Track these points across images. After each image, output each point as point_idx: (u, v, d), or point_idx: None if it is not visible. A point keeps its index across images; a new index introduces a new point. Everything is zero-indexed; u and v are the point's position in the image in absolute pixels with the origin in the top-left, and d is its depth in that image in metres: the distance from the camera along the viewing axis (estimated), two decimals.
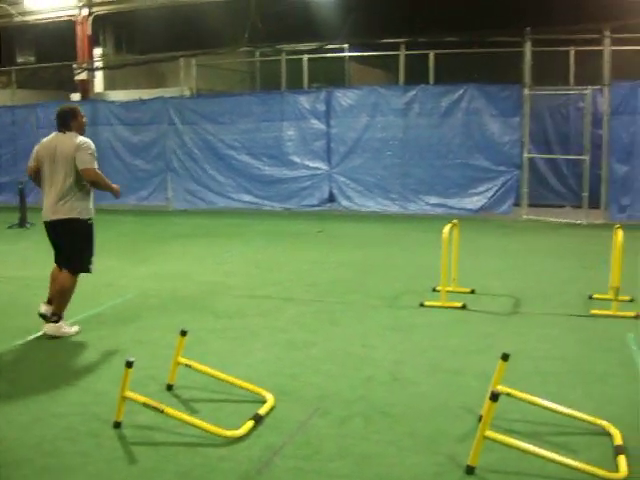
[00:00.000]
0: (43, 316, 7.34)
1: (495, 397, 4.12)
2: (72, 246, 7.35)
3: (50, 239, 7.48)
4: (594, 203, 14.92)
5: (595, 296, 8.50)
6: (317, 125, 17.01)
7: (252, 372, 6.00)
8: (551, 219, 14.75)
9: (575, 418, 4.96)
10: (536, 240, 12.85)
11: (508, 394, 4.96)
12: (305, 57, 18.24)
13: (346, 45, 18.55)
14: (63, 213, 7.22)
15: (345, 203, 16.78)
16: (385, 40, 17.47)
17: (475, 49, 17.26)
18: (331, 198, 17.02)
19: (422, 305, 8.20)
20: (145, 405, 4.93)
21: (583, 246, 12.16)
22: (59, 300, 7.29)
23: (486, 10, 20.17)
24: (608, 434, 4.79)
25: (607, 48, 14.87)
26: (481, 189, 15.54)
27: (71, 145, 7.15)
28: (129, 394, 4.94)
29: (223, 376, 5.63)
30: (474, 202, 15.55)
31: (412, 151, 16.08)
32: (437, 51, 16.67)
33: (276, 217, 16.48)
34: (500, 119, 15.49)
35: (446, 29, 18.08)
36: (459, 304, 8.11)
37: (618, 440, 4.67)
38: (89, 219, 7.37)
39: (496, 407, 4.24)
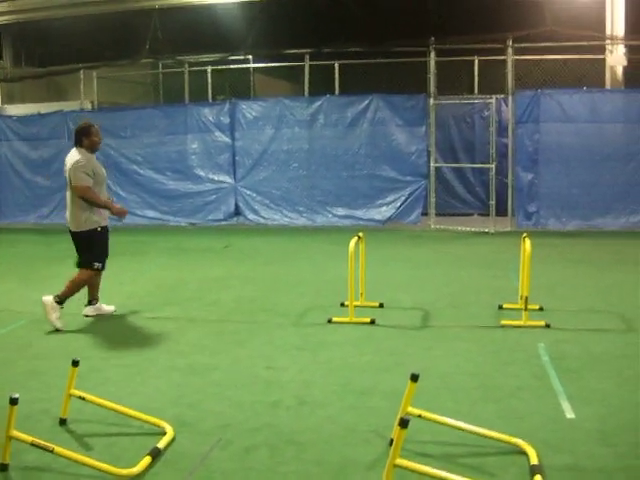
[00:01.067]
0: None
1: (405, 423, 3.88)
2: (77, 248, 8.40)
3: None
4: (501, 211, 15.01)
5: (505, 306, 8.43)
6: (222, 138, 16.70)
7: (150, 401, 5.64)
8: (459, 228, 14.75)
9: (489, 437, 4.78)
10: (445, 250, 12.79)
11: (419, 416, 4.74)
12: (209, 68, 17.90)
13: (250, 56, 18.26)
14: (73, 226, 8.23)
15: (252, 217, 16.50)
16: (289, 51, 17.30)
17: (380, 59, 17.19)
18: (237, 212, 16.73)
19: (330, 322, 7.96)
20: (33, 444, 4.53)
21: (492, 255, 12.15)
22: (67, 287, 8.19)
23: (391, 20, 20.14)
24: (524, 453, 4.62)
25: (510, 57, 15.01)
26: (389, 199, 15.46)
27: (71, 161, 8.01)
28: (15, 433, 4.52)
29: (118, 408, 5.25)
30: (382, 213, 15.47)
31: (318, 162, 15.90)
32: (342, 61, 16.56)
33: (181, 233, 16.08)
34: (406, 129, 15.46)
35: (351, 39, 17.97)
36: (367, 319, 7.90)
37: (534, 459, 4.51)
38: (90, 229, 8.18)
39: (408, 428, 4.00)
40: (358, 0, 19.02)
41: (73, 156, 8.06)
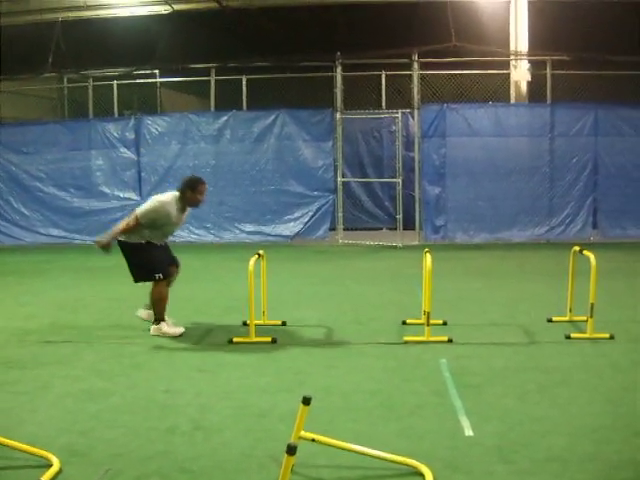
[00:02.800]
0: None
1: (292, 450, 3.75)
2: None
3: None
4: (410, 225, 15.09)
5: (409, 321, 8.42)
6: (127, 154, 16.42)
7: (40, 431, 5.38)
8: (367, 242, 14.76)
9: (385, 460, 4.70)
10: (352, 265, 12.75)
11: (313, 440, 4.62)
12: (114, 83, 17.58)
13: (157, 70, 17.98)
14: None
15: None
16: (195, 65, 17.10)
17: (288, 74, 17.13)
18: None
19: (231, 342, 7.79)
20: None
21: (399, 269, 12.16)
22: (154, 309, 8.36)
23: (298, 35, 20.15)
24: (420, 474, 4.55)
25: (416, 72, 15.13)
26: (296, 215, 15.40)
27: (160, 197, 8.26)
28: None
29: (2, 439, 4.99)
30: (290, 228, 15.39)
31: (225, 178, 15.73)
32: (249, 76, 16.45)
33: (87, 252, 15.65)
34: (313, 144, 15.44)
35: (258, 54, 17.90)
36: (269, 339, 7.76)
37: None
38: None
39: (303, 452, 3.89)
40: (266, 14, 18.96)
41: (166, 196, 8.23)
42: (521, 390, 6.27)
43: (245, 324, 8.29)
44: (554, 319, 8.62)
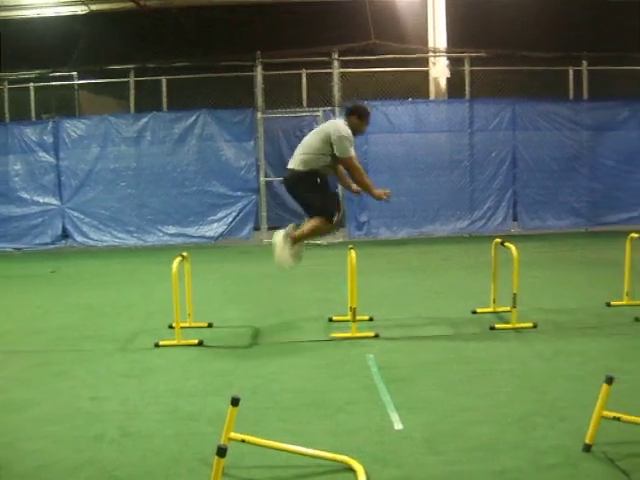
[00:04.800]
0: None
1: (222, 452, 3.73)
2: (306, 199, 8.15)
3: None
4: None
5: (335, 318, 8.44)
6: (46, 158, 16.09)
7: None
8: None
9: (315, 457, 4.69)
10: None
11: (243, 441, 4.59)
12: (31, 85, 17.21)
13: (75, 73, 17.65)
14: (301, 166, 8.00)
15: (80, 239, 15.94)
16: (114, 66, 16.85)
17: (208, 74, 16.99)
18: (65, 235, 16.12)
19: (157, 345, 7.69)
20: None
21: (324, 267, 12.19)
22: (303, 230, 7.94)
23: (218, 34, 20.02)
24: (352, 470, 4.56)
25: (336, 70, 15.16)
26: (220, 215, 15.30)
27: (337, 127, 7.85)
28: None
29: None
30: (214, 229, 15.29)
31: (147, 180, 15.54)
32: (169, 77, 16.28)
33: (6, 259, 15.33)
34: (234, 144, 15.36)
35: (177, 54, 17.71)
36: (195, 341, 7.68)
37: (361, 476, 4.44)
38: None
39: (233, 453, 3.85)
40: (186, 14, 18.80)
41: (340, 124, 7.86)
42: (448, 382, 6.34)
43: (171, 327, 8.19)
44: (478, 311, 8.75)
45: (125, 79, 16.53)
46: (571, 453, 4.87)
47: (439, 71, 16.45)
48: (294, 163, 8.00)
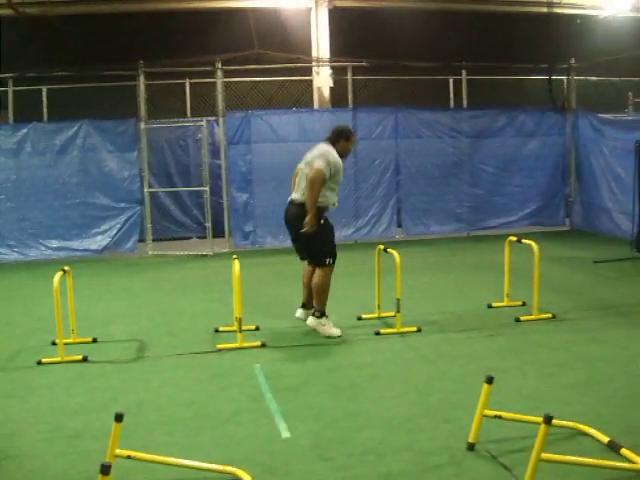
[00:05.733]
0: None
1: (106, 470, 3.66)
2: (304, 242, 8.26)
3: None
4: (220, 232, 15.06)
5: (222, 329, 8.41)
6: None
7: None
8: (178, 252, 14.61)
9: (202, 470, 4.67)
10: (163, 276, 12.55)
11: (129, 457, 4.53)
12: None
13: None
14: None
15: None
16: None
17: (90, 83, 16.63)
18: None
19: (40, 363, 7.45)
20: None
21: (210, 277, 12.11)
22: (317, 300, 8.21)
23: (101, 43, 19.65)
24: None
25: (220, 80, 15.10)
26: (104, 228, 14.96)
27: (322, 150, 8.14)
28: None
29: None
30: (98, 242, 14.93)
31: (28, 193, 15.03)
32: (49, 86, 15.88)
33: None
34: (117, 154, 15.06)
35: (59, 63, 17.28)
36: (79, 357, 7.51)
37: None
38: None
39: (120, 470, 3.80)
40: (67, 22, 18.37)
41: (326, 148, 8.10)
42: (335, 388, 6.42)
43: (54, 344, 7.99)
44: (364, 317, 8.88)
45: (3, 88, 16.02)
46: (455, 453, 5.01)
47: (322, 80, 16.58)
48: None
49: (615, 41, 18.38)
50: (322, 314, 8.23)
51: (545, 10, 16.46)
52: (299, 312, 8.64)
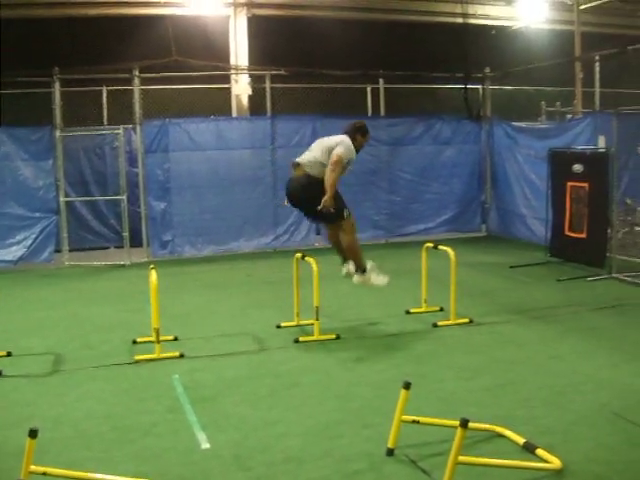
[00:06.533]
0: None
1: None
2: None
3: None
4: (138, 242, 14.86)
5: (140, 340, 8.31)
6: None
7: None
8: (95, 263, 14.36)
9: None
10: (80, 287, 12.30)
11: (45, 473, 4.45)
12: None
13: None
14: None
15: None
16: None
17: (4, 90, 16.24)
18: None
19: None
20: None
21: (128, 288, 11.92)
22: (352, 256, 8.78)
23: (16, 49, 19.24)
24: None
25: (137, 87, 14.92)
26: (19, 238, 14.57)
27: (340, 139, 8.69)
28: None
29: None
30: (13, 253, 14.53)
31: None
32: None
33: None
34: (32, 163, 14.71)
35: None
36: None
37: None
38: None
39: None
40: None
41: (345, 138, 8.67)
42: (254, 397, 6.41)
43: None
44: (283, 325, 8.88)
45: None
46: (375, 458, 5.06)
47: (241, 88, 16.56)
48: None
49: (529, 51, 18.94)
50: (364, 270, 8.78)
51: (460, 21, 16.74)
52: (344, 270, 9.04)
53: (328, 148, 8.58)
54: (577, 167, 12.30)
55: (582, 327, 8.70)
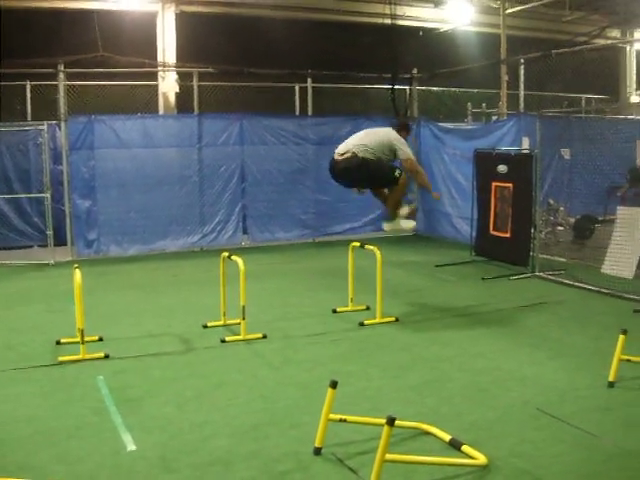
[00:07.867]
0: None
1: None
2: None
3: None
4: (62, 240, 14.59)
5: (63, 341, 8.15)
6: None
7: None
8: (17, 262, 14.03)
9: None
10: (2, 286, 11.99)
11: None
12: None
13: None
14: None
15: None
16: None
17: None
18: None
19: None
20: None
21: (52, 287, 11.67)
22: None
23: None
24: None
25: (62, 83, 14.64)
26: None
27: (393, 135, 9.60)
28: None
29: None
30: None
31: None
32: None
33: None
34: None
35: None
36: None
37: None
38: None
39: None
40: None
41: (395, 133, 9.59)
42: (180, 398, 6.36)
43: None
44: (209, 325, 8.83)
45: None
46: (302, 458, 5.07)
47: (168, 86, 16.41)
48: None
49: (456, 53, 19.18)
50: (393, 217, 9.64)
51: (389, 22, 16.85)
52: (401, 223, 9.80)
53: (380, 140, 9.39)
54: (502, 168, 12.52)
55: (506, 325, 8.87)
